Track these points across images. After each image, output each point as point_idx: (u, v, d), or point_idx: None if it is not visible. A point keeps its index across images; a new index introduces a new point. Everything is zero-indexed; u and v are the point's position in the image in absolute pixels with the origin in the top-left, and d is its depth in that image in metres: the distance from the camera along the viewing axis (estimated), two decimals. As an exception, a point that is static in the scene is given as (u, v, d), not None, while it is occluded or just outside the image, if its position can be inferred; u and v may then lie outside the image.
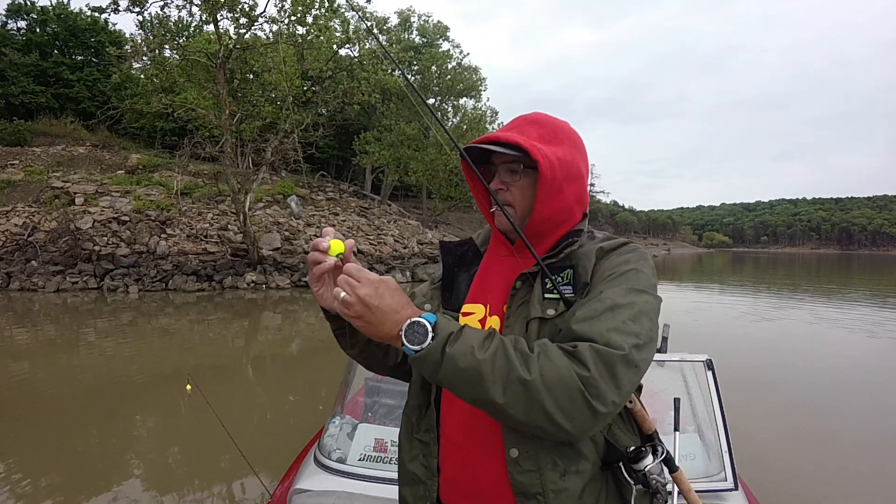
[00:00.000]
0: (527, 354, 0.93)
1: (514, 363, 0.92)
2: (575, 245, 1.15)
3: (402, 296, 1.02)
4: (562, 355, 0.92)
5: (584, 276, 1.10)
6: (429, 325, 0.97)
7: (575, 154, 1.18)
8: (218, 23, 16.28)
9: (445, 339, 0.95)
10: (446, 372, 0.95)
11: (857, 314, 14.50)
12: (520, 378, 0.90)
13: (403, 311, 1.00)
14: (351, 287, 0.99)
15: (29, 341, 9.39)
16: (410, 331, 0.97)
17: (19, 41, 29.42)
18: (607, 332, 0.94)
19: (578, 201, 1.20)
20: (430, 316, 0.99)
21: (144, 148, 28.06)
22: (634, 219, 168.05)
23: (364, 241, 22.22)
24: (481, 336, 0.97)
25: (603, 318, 0.97)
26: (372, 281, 0.99)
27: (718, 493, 2.05)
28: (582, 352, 0.92)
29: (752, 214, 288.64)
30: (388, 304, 0.99)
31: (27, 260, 15.80)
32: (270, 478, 3.43)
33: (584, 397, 0.90)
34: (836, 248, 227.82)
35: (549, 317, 1.09)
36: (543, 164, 1.09)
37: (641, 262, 1.11)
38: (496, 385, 0.91)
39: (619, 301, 1.00)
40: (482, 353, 0.93)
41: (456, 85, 31.53)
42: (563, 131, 1.19)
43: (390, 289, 1.01)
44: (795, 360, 8.71)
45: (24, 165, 21.45)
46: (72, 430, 5.23)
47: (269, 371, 8.18)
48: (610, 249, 1.13)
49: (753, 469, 2.18)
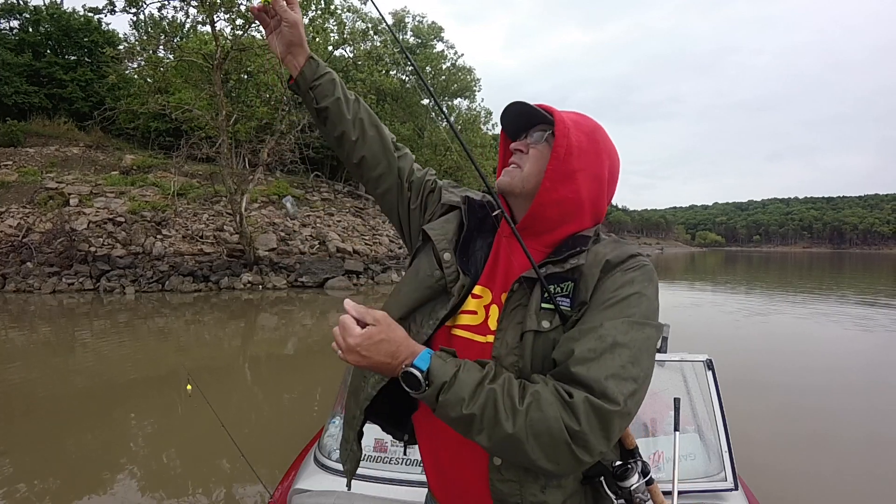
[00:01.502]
0: (516, 408, 0.93)
1: (500, 417, 0.92)
2: (581, 257, 1.10)
3: (395, 340, 1.00)
4: (554, 404, 0.92)
5: (583, 294, 1.06)
6: (421, 376, 0.96)
7: (601, 154, 1.15)
8: (215, 24, 16.28)
9: (438, 389, 0.96)
10: (440, 415, 0.98)
11: (850, 312, 14.66)
12: (505, 433, 0.91)
13: (396, 359, 0.99)
14: (343, 335, 1.00)
15: (24, 343, 9.38)
16: (406, 378, 0.98)
17: (12, 41, 29.21)
18: (605, 379, 0.92)
19: (592, 203, 1.16)
20: (423, 358, 0.99)
21: (138, 148, 27.93)
22: (628, 218, 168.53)
23: (360, 241, 22.22)
24: (473, 384, 0.96)
25: (602, 361, 0.94)
26: (362, 333, 0.98)
27: (718, 493, 2.05)
28: (576, 405, 0.90)
29: (745, 214, 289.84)
30: (382, 356, 0.99)
31: (22, 261, 15.75)
32: (270, 478, 3.45)
33: (569, 448, 0.90)
34: (827, 246, 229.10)
35: (545, 329, 1.06)
36: (560, 129, 1.10)
37: (646, 283, 1.06)
38: (482, 434, 0.94)
39: (619, 339, 0.97)
40: (471, 406, 0.94)
41: (450, 85, 31.57)
42: (598, 131, 1.17)
43: (381, 337, 0.99)
44: (790, 359, 8.79)
45: (18, 166, 21.32)
46: (68, 431, 5.22)
47: (267, 371, 8.20)
48: (616, 264, 1.08)
49: (748, 469, 2.21)
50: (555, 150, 1.10)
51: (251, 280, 17.17)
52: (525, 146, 1.18)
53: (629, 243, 1.17)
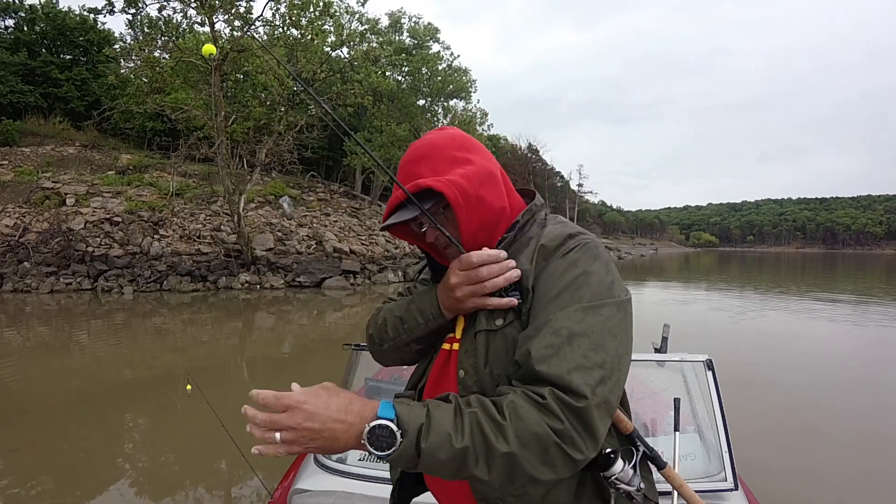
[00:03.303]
0: (500, 423, 0.88)
1: (490, 439, 0.87)
2: (506, 242, 1.10)
3: (338, 396, 0.90)
4: (532, 409, 0.88)
5: (525, 284, 1.03)
6: (392, 425, 0.86)
7: (474, 158, 1.10)
8: (214, 25, 16.32)
9: (417, 435, 0.86)
10: (425, 465, 0.87)
11: (843, 311, 14.81)
12: (501, 453, 0.86)
13: (350, 415, 0.88)
14: (276, 424, 0.87)
15: (22, 343, 9.39)
16: (374, 437, 0.86)
17: (7, 40, 29.10)
18: (568, 374, 0.89)
19: (500, 197, 1.12)
20: (386, 409, 0.88)
21: (134, 148, 27.90)
22: (622, 219, 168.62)
23: (356, 241, 22.27)
24: (450, 416, 0.89)
25: (562, 355, 0.91)
26: (291, 402, 0.87)
27: (718, 493, 2.04)
28: (551, 405, 0.88)
29: (739, 214, 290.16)
30: (328, 415, 0.87)
31: (19, 261, 15.73)
32: (270, 478, 3.46)
33: (560, 450, 0.87)
34: (821, 247, 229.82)
35: (497, 327, 1.04)
36: (448, 193, 1.01)
37: (590, 260, 1.02)
38: (479, 465, 0.87)
39: (575, 329, 0.94)
40: (460, 439, 0.86)
41: (446, 86, 31.61)
42: (449, 147, 1.10)
43: (319, 397, 0.89)
44: (784, 356, 8.87)
45: (14, 166, 21.25)
46: (67, 431, 5.22)
47: (265, 371, 8.22)
48: (552, 249, 1.04)
49: (741, 466, 2.27)
50: (453, 204, 1.03)
51: (249, 280, 17.22)
52: (435, 231, 1.11)
53: (567, 223, 1.13)
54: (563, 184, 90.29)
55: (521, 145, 68.92)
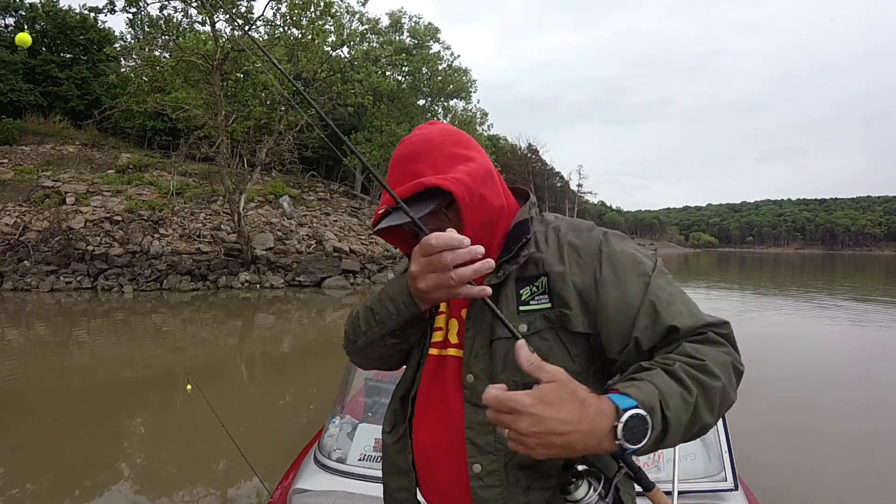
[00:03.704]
0: (703, 364, 0.90)
1: (706, 381, 0.88)
2: (531, 245, 1.07)
3: (570, 396, 0.81)
4: (706, 346, 0.94)
5: (561, 287, 1.02)
6: (642, 411, 0.81)
7: (474, 155, 1.08)
8: (215, 25, 16.33)
9: (661, 410, 0.83)
10: (672, 434, 0.86)
11: (842, 311, 14.82)
12: (717, 389, 0.89)
13: (584, 418, 0.80)
14: (504, 425, 0.81)
15: (22, 341, 9.41)
16: (629, 431, 0.80)
17: (7, 38, 29.11)
18: (701, 318, 0.98)
19: (498, 195, 1.11)
20: (623, 399, 0.82)
21: (134, 147, 27.90)
22: (622, 219, 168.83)
23: (356, 240, 22.27)
24: (667, 378, 0.88)
25: (686, 311, 0.98)
26: (517, 405, 0.79)
27: (718, 493, 2.04)
28: (713, 337, 0.95)
29: (738, 215, 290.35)
30: (560, 420, 0.79)
31: (19, 260, 15.74)
32: (270, 478, 3.50)
33: (735, 367, 0.95)
34: (820, 248, 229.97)
35: (521, 334, 0.95)
36: (457, 192, 0.99)
37: (619, 240, 1.09)
38: (707, 411, 0.89)
39: (670, 290, 1.01)
40: (690, 394, 0.86)
41: (446, 86, 31.64)
42: (446, 143, 1.08)
43: (549, 402, 0.80)
44: (782, 355, 8.88)
45: (14, 164, 21.25)
46: (67, 431, 5.22)
47: (265, 370, 8.24)
48: (587, 247, 1.06)
49: (740, 464, 2.27)
50: (462, 206, 1.00)
51: (249, 279, 17.22)
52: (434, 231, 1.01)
53: (563, 217, 1.16)
54: (562, 184, 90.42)
55: (521, 145, 68.98)
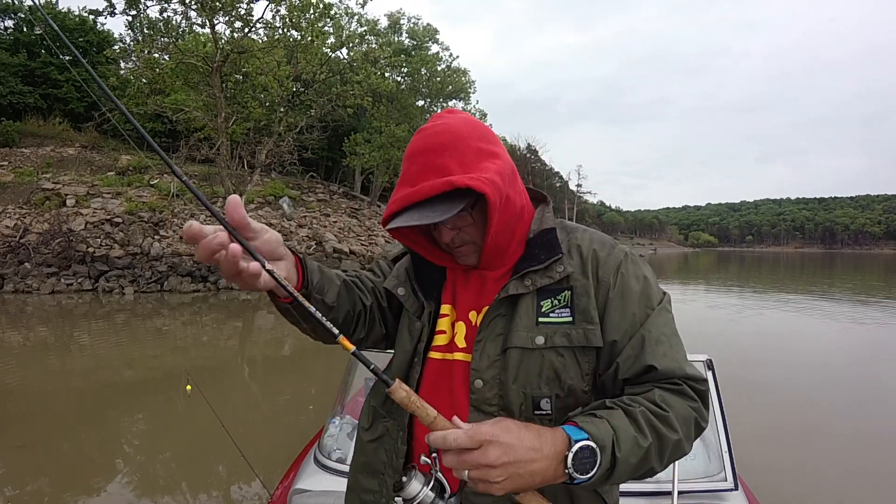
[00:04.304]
0: (665, 415, 0.92)
1: (663, 431, 0.90)
2: (564, 262, 1.04)
3: (526, 427, 0.85)
4: (675, 397, 0.95)
5: (586, 302, 1.02)
6: (592, 443, 0.84)
7: (500, 151, 1.04)
8: (214, 26, 16.35)
9: (612, 448, 0.85)
10: (618, 474, 0.87)
11: (842, 310, 14.83)
12: (672, 441, 0.91)
13: (545, 445, 0.83)
14: (469, 463, 0.81)
15: (23, 343, 9.41)
16: (578, 461, 0.82)
17: (7, 41, 29.12)
18: (686, 369, 0.98)
19: (520, 195, 1.08)
20: (575, 431, 0.85)
21: (134, 149, 27.89)
22: (621, 219, 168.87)
23: (356, 241, 22.29)
24: (626, 420, 0.89)
25: (673, 355, 0.99)
26: (486, 436, 0.81)
27: (718, 493, 2.05)
28: (686, 390, 0.96)
29: (738, 214, 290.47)
30: (524, 445, 0.82)
31: (20, 262, 15.74)
32: (270, 478, 3.47)
33: (697, 423, 0.96)
34: (819, 247, 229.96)
35: (537, 346, 0.99)
36: (491, 194, 0.95)
37: (639, 265, 1.08)
38: (657, 459, 0.91)
39: (666, 331, 1.02)
40: (644, 439, 0.88)
41: (445, 87, 31.66)
42: (472, 136, 1.02)
43: (510, 430, 0.83)
44: (783, 356, 8.90)
45: (14, 167, 21.26)
46: (67, 432, 5.24)
47: (265, 371, 8.26)
48: (613, 264, 1.05)
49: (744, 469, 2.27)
50: (492, 206, 0.97)
51: (249, 281, 17.21)
52: (457, 228, 1.05)
53: (594, 231, 1.14)
54: (561, 184, 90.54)
55: (521, 145, 69.05)
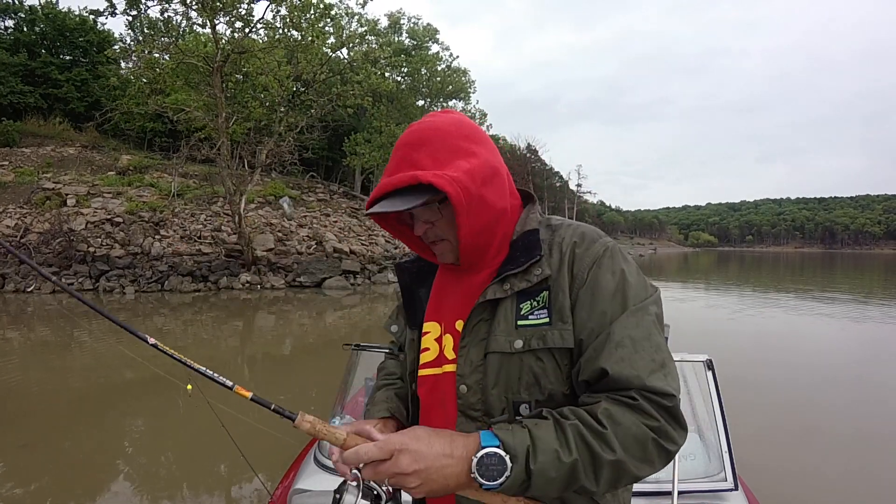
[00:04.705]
0: (601, 432, 0.86)
1: (596, 449, 0.85)
2: (543, 265, 1.01)
3: (438, 434, 0.90)
4: (626, 412, 0.88)
5: (561, 299, 0.98)
6: (500, 451, 0.85)
7: (483, 152, 1.02)
8: (215, 27, 16.36)
9: (525, 458, 0.85)
10: (537, 486, 0.86)
11: (841, 309, 14.83)
12: (608, 461, 0.86)
13: (455, 450, 0.87)
14: (383, 474, 0.87)
15: (23, 343, 9.43)
16: (483, 467, 0.84)
17: (7, 40, 29.12)
18: (648, 380, 0.89)
19: (502, 197, 1.05)
20: (488, 437, 0.87)
21: (134, 149, 27.91)
22: (621, 219, 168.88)
23: (356, 241, 22.31)
24: (552, 433, 0.87)
25: (635, 364, 0.90)
26: (396, 446, 0.86)
27: (718, 493, 2.04)
28: (643, 405, 0.88)
29: (738, 214, 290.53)
30: (434, 452, 0.86)
31: (21, 262, 15.72)
32: (270, 478, 3.46)
33: (657, 444, 0.88)
34: (819, 247, 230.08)
35: (516, 350, 0.97)
36: (452, 192, 0.94)
37: (620, 261, 1.00)
38: (588, 477, 0.86)
39: (634, 335, 0.93)
40: (567, 454, 0.85)
41: (445, 87, 31.67)
42: (452, 135, 1.01)
43: (420, 439, 0.88)
44: (783, 356, 8.90)
45: (14, 166, 21.30)
46: (67, 432, 5.24)
47: (265, 370, 8.25)
48: (589, 261, 0.99)
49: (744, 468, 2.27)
50: (456, 206, 0.96)
51: (249, 280, 17.25)
52: (430, 222, 1.06)
53: (575, 223, 1.09)
54: (561, 184, 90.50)
55: (520, 145, 69.04)
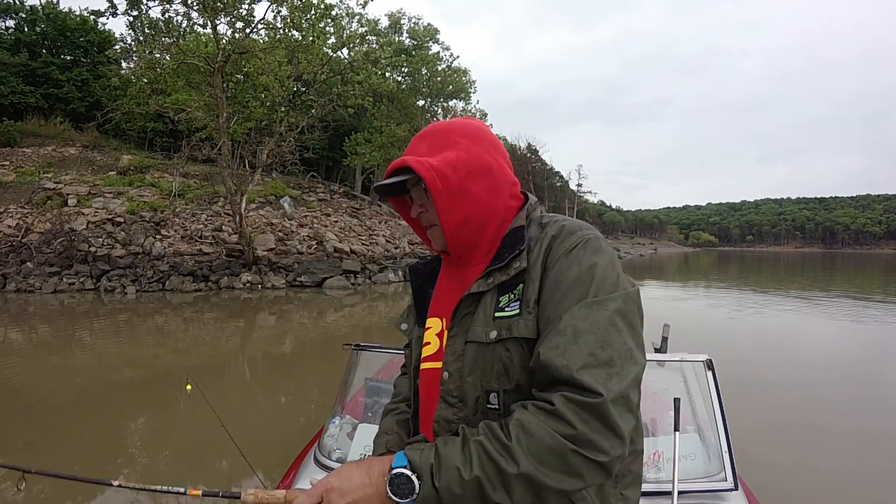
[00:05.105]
0: (507, 445, 0.86)
1: (500, 464, 0.85)
2: (522, 258, 1.02)
3: (357, 465, 0.97)
4: (539, 421, 0.86)
5: (530, 291, 0.99)
6: (407, 471, 0.90)
7: (475, 149, 1.07)
8: (216, 27, 16.37)
9: (430, 475, 0.89)
10: (447, 501, 0.88)
11: (842, 309, 14.84)
12: (514, 475, 0.85)
13: (373, 476, 0.93)
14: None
15: (25, 342, 9.43)
16: (396, 487, 0.90)
17: (8, 40, 29.14)
18: (578, 373, 0.86)
19: (494, 194, 1.08)
20: (399, 458, 0.93)
21: (135, 149, 27.94)
22: (622, 219, 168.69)
23: (357, 241, 22.34)
24: (458, 449, 0.90)
25: (569, 355, 0.88)
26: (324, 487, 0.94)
27: (718, 493, 2.05)
28: (560, 411, 0.85)
29: (738, 214, 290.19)
30: (354, 484, 0.93)
31: (22, 261, 15.78)
32: (270, 478, 3.46)
33: (578, 455, 0.84)
34: (820, 246, 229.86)
35: (491, 340, 1.00)
36: (424, 174, 1.01)
37: (592, 254, 0.98)
38: (498, 491, 0.86)
39: (580, 326, 0.90)
40: (469, 471, 0.87)
41: (446, 87, 31.68)
42: (455, 132, 1.09)
43: (341, 474, 0.95)
44: (783, 355, 8.91)
45: (15, 166, 21.32)
46: (68, 431, 5.24)
47: (266, 370, 8.25)
48: (560, 252, 1.00)
49: (744, 468, 2.28)
50: (430, 188, 1.03)
51: (250, 280, 17.27)
52: (423, 207, 1.14)
53: (567, 219, 1.09)
54: (562, 184, 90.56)
55: (521, 145, 69.02)
